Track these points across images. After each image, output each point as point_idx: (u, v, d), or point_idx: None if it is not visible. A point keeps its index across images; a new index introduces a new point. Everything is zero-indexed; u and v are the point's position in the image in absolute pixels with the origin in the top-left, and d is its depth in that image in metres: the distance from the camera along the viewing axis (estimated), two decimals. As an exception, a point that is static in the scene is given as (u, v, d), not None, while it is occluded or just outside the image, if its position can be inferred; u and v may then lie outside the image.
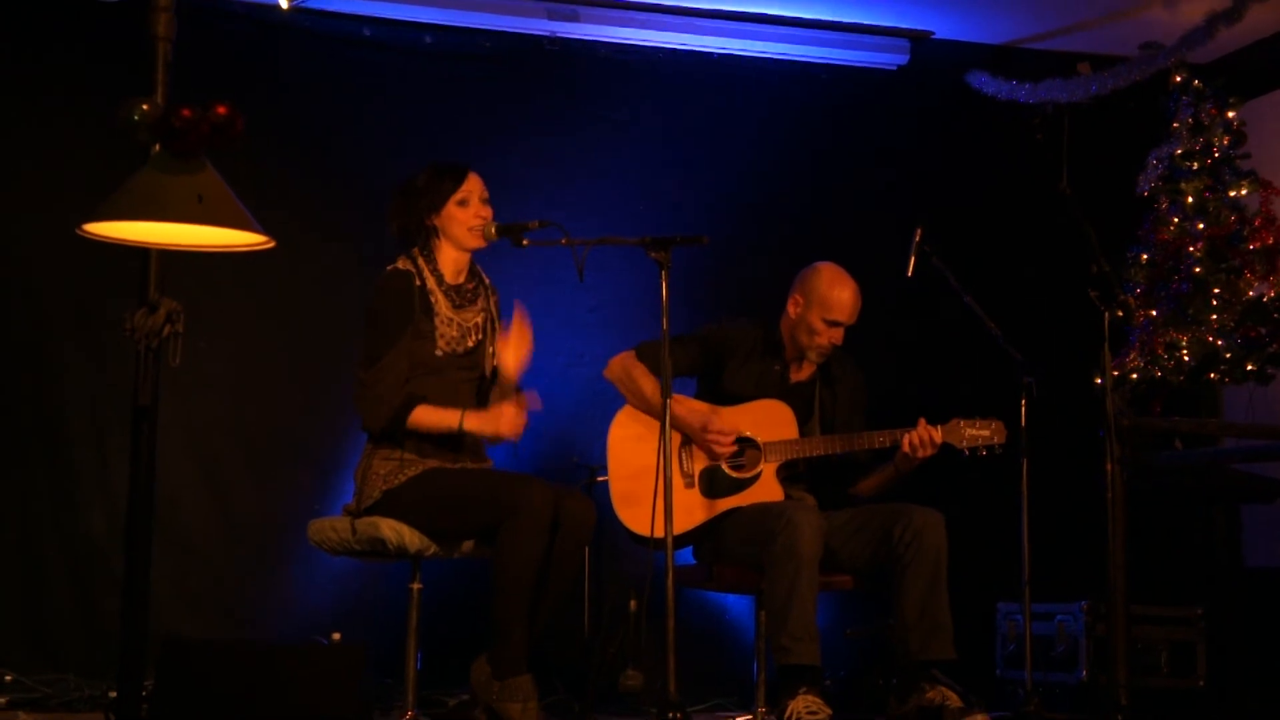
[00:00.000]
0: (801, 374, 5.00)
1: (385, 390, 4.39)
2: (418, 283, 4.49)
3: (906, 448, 4.75)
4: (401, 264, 4.52)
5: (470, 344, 4.54)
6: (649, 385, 4.80)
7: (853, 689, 5.87)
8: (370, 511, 4.40)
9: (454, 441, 4.46)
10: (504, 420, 4.44)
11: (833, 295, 4.86)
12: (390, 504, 4.37)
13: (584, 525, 4.37)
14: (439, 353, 4.47)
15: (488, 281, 4.69)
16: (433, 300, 4.49)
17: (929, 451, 4.75)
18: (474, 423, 4.42)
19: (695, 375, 5.02)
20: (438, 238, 4.55)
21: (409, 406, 4.39)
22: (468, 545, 4.42)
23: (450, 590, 5.44)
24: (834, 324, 4.87)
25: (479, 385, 4.60)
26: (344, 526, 4.42)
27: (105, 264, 4.26)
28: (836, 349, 4.94)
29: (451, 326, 4.50)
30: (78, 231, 3.02)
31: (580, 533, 4.36)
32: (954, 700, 4.48)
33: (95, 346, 5.69)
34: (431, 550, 4.37)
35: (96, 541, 5.64)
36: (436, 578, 4.37)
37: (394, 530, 4.33)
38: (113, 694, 4.92)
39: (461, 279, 4.58)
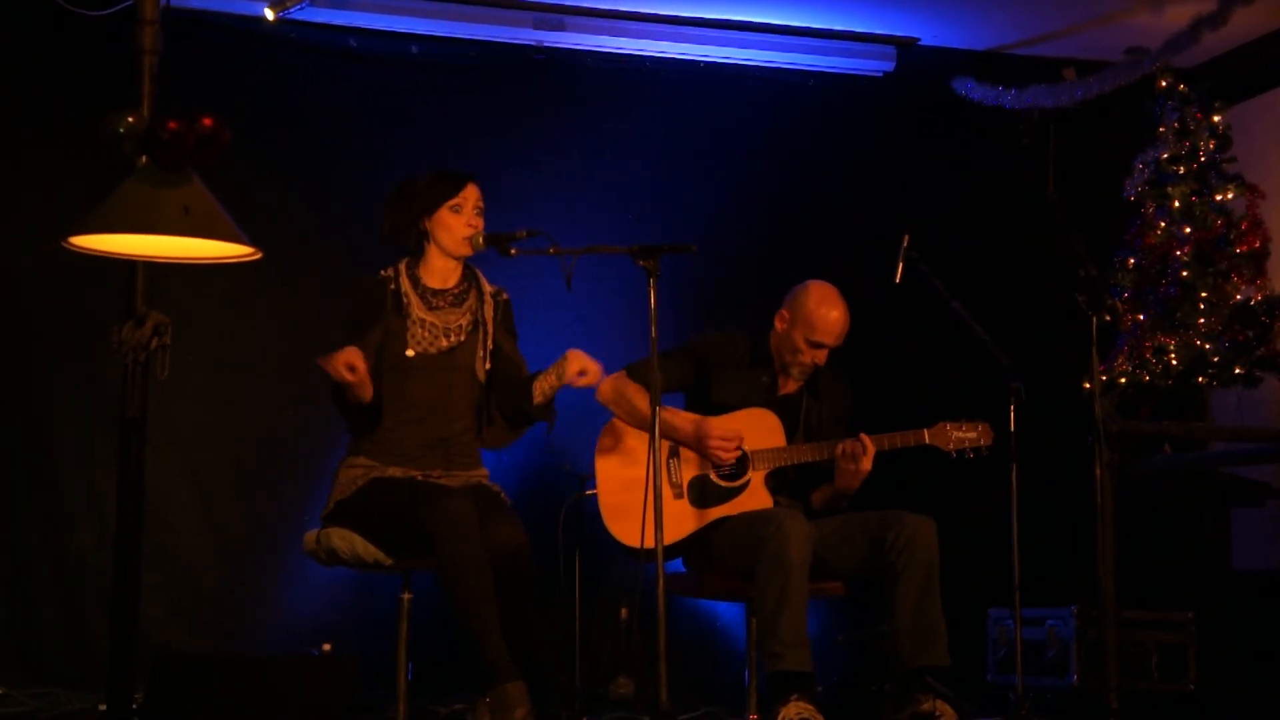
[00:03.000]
0: (789, 387, 4.97)
1: None
2: (392, 287, 4.49)
3: (839, 453, 4.72)
4: (382, 273, 4.53)
5: (444, 345, 4.49)
6: (643, 402, 4.67)
7: (845, 696, 5.86)
8: (329, 520, 4.42)
9: (438, 452, 4.44)
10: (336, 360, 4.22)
11: (818, 315, 4.82)
12: (341, 514, 4.39)
13: (511, 550, 4.23)
14: (410, 353, 4.44)
15: (489, 288, 4.65)
16: (405, 301, 4.48)
17: (858, 465, 4.68)
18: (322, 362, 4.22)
19: (685, 389, 4.98)
20: (428, 242, 4.54)
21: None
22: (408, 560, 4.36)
23: (442, 601, 5.41)
24: (817, 345, 4.83)
25: (470, 387, 4.55)
26: (312, 538, 4.44)
27: (93, 277, 4.25)
28: (820, 367, 4.91)
29: (423, 327, 4.47)
30: (64, 244, 3.02)
31: (510, 558, 4.21)
32: (949, 714, 4.47)
33: (84, 360, 5.66)
34: (388, 563, 4.35)
35: (85, 554, 5.63)
36: (429, 588, 4.34)
37: (344, 540, 4.35)
38: (102, 707, 4.90)
39: (449, 284, 4.57)
